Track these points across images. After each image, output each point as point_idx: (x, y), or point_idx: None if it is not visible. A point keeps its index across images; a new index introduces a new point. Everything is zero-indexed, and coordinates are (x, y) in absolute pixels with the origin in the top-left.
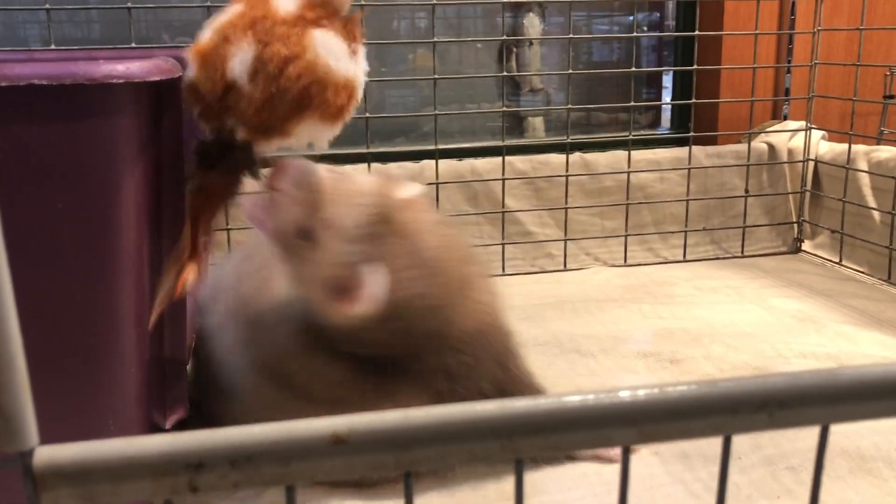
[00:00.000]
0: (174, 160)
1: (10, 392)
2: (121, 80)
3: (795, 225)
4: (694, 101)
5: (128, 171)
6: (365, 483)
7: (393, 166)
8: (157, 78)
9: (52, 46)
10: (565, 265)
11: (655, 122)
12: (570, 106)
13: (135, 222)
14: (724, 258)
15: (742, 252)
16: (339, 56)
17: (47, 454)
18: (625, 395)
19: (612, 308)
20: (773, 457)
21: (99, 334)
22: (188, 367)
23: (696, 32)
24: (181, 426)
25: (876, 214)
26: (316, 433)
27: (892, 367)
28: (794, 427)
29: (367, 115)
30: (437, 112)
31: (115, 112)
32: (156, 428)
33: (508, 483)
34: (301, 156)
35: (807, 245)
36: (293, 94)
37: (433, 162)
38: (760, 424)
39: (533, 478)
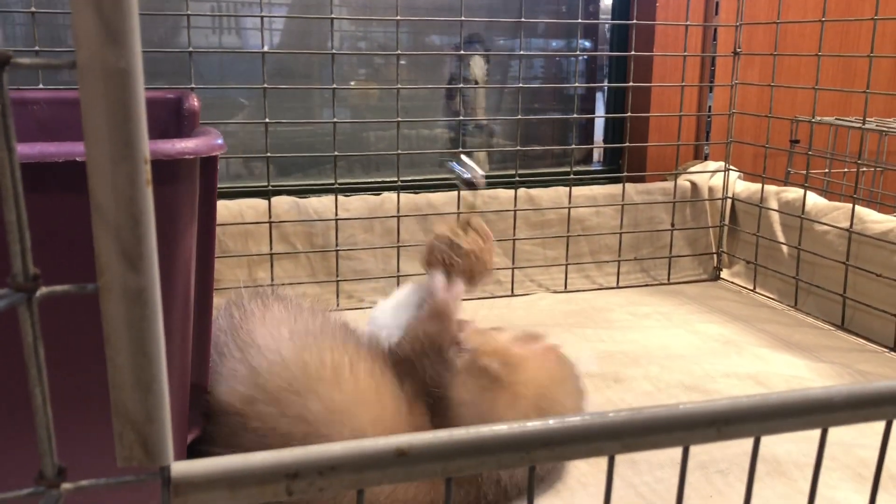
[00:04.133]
0: (207, 217)
1: (157, 422)
2: (191, 157)
3: (715, 255)
4: (628, 144)
5: (185, 230)
6: None
7: (354, 199)
8: (212, 154)
9: None
10: (513, 291)
11: (588, 157)
12: (519, 147)
13: (186, 273)
14: (652, 285)
15: (668, 279)
16: None
17: (181, 468)
18: (612, 415)
19: (558, 332)
20: (705, 462)
21: None
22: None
23: (629, 84)
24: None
25: (784, 248)
26: (384, 448)
27: (807, 392)
28: (735, 439)
29: (336, 153)
30: (399, 152)
31: (178, 181)
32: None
33: None
34: None
35: (725, 273)
36: None
37: (392, 195)
38: (711, 437)
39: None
